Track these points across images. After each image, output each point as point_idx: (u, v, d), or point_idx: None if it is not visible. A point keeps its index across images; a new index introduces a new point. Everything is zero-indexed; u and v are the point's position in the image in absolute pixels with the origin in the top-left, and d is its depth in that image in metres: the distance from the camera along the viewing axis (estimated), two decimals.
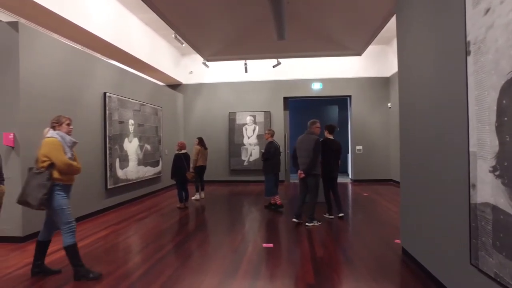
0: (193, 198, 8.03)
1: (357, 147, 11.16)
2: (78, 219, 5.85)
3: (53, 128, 3.43)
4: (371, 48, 9.35)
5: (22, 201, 3.23)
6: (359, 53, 8.51)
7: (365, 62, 10.94)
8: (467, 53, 2.35)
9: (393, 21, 5.83)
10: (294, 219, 5.62)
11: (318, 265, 3.74)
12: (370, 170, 10.99)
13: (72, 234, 3.35)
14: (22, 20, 5.67)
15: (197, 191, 8.18)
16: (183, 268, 3.70)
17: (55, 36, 6.38)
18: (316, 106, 13.61)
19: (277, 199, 6.80)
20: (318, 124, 5.63)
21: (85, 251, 4.29)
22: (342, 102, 12.88)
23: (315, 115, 13.31)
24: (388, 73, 10.95)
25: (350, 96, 11.38)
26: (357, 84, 11.16)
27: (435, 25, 3.04)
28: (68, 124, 3.49)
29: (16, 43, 4.72)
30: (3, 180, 3.42)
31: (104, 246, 4.55)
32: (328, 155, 5.85)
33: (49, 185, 3.20)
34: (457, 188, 2.59)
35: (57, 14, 5.49)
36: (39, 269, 3.48)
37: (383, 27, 6.49)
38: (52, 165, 3.25)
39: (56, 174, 3.26)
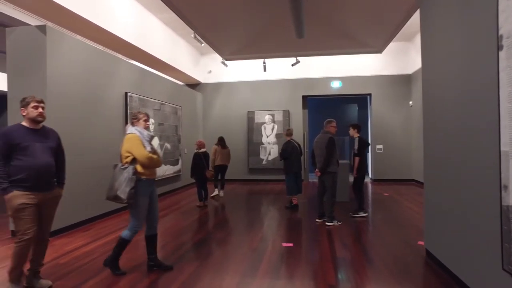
0: (211, 195, 8.12)
1: (377, 146, 10.95)
2: (102, 216, 6.00)
3: (132, 124, 3.54)
4: (392, 45, 9.15)
5: (112, 196, 3.29)
6: (379, 51, 8.34)
7: (386, 59, 10.71)
8: (499, 47, 2.25)
9: (415, 16, 5.70)
10: (317, 220, 5.60)
11: (339, 266, 3.68)
12: (390, 170, 10.76)
13: (133, 233, 3.45)
14: (49, 23, 5.84)
15: (215, 187, 8.32)
16: (203, 266, 3.71)
17: (79, 37, 6.56)
18: (336, 104, 13.44)
19: (294, 199, 6.79)
20: (334, 124, 5.66)
21: (108, 248, 4.38)
22: (362, 100, 12.65)
23: (334, 114, 13.19)
24: (409, 71, 10.68)
25: (370, 94, 11.18)
26: (378, 82, 10.94)
27: (463, 19, 2.92)
28: (145, 120, 3.59)
29: (44, 45, 4.89)
30: (64, 184, 3.32)
31: None
32: (362, 153, 5.90)
33: (135, 179, 3.29)
34: (487, 189, 2.49)
35: (82, 17, 5.64)
36: (154, 263, 3.59)
37: (405, 23, 6.32)
38: (134, 160, 3.34)
39: (139, 168, 3.35)
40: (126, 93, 6.92)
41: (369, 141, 11.30)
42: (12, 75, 5.00)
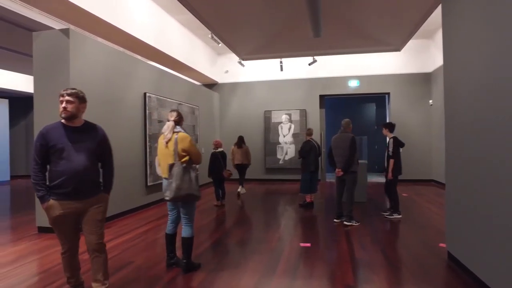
0: (240, 191, 8.54)
1: None
2: (121, 215, 6.14)
3: (179, 123, 3.55)
4: (410, 43, 8.95)
5: (185, 195, 3.33)
6: (398, 49, 8.18)
7: (405, 57, 10.51)
8: None
9: (436, 13, 5.57)
10: (335, 220, 5.61)
11: (357, 266, 3.65)
12: (409, 170, 10.48)
13: (193, 227, 3.53)
14: (72, 27, 6.02)
15: (242, 186, 8.65)
16: (221, 265, 3.75)
17: (100, 40, 6.73)
18: (353, 104, 13.28)
19: (307, 197, 6.91)
20: (351, 125, 5.79)
21: (127, 246, 4.49)
22: (380, 99, 12.47)
23: (352, 113, 13.05)
24: (429, 69, 10.44)
25: (388, 93, 10.99)
26: (396, 81, 10.75)
27: (490, 14, 2.84)
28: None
29: (67, 48, 5.05)
30: (110, 189, 2.97)
31: (145, 241, 4.72)
32: (396, 154, 5.84)
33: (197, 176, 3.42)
34: None
35: (103, 19, 5.77)
36: (174, 261, 3.65)
37: (425, 20, 6.18)
38: (190, 159, 3.44)
39: None
40: (145, 94, 7.06)
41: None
42: (38, 77, 5.19)
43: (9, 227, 5.67)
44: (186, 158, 3.40)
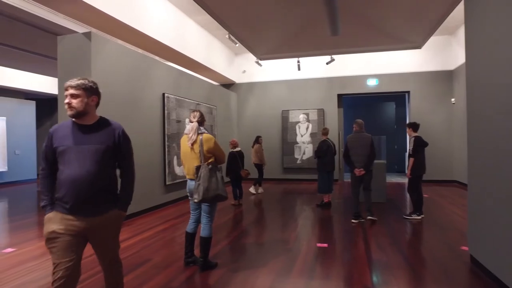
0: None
1: None
2: (140, 213, 6.28)
3: (202, 123, 3.59)
4: (432, 40, 8.74)
5: (213, 196, 3.36)
6: (419, 46, 7.99)
7: (425, 55, 10.26)
8: None
9: (458, 8, 5.42)
10: (353, 220, 5.58)
11: (375, 268, 3.60)
12: (431, 171, 10.22)
13: (211, 227, 3.60)
14: (93, 30, 6.20)
15: (253, 185, 8.77)
16: (238, 264, 3.78)
17: (120, 42, 6.90)
18: (372, 103, 13.08)
19: (325, 197, 6.90)
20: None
21: (146, 244, 4.58)
22: (399, 98, 12.23)
23: (370, 113, 12.86)
24: (451, 66, 10.15)
25: (408, 92, 10.75)
26: (416, 79, 10.50)
27: None
28: None
29: (89, 50, 5.22)
30: (126, 204, 2.36)
31: (163, 239, 4.81)
32: (417, 154, 5.79)
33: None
34: None
35: (123, 22, 5.92)
36: (191, 259, 3.72)
37: (447, 16, 6.02)
38: (215, 160, 3.51)
39: None
40: (163, 94, 7.18)
41: (407, 142, 10.89)
42: (62, 79, 5.37)
43: (36, 223, 5.91)
44: (212, 159, 3.45)
